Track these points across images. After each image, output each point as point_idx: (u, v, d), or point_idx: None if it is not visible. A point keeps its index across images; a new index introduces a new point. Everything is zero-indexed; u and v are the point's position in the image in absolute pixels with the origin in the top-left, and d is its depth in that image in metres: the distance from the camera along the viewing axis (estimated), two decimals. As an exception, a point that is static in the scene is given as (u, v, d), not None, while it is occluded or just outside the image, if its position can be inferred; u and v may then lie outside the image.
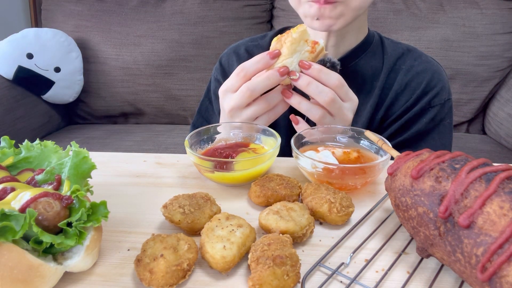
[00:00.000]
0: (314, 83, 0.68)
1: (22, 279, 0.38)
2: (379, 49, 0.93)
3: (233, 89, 0.72)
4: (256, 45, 0.99)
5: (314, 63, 0.69)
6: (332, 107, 0.70)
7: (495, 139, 1.87)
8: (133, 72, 2.00)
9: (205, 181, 0.66)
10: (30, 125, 1.84)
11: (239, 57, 0.98)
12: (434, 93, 0.89)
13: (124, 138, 1.85)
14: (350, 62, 0.90)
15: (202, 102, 1.04)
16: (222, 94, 0.74)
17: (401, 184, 0.47)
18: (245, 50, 0.99)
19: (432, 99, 0.90)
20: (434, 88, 0.89)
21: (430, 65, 0.92)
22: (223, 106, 0.75)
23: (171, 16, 1.98)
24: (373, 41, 0.93)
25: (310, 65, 0.69)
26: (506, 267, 0.34)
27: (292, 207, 0.52)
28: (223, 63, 1.00)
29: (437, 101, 0.90)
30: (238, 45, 1.02)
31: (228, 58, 1.00)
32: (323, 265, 0.46)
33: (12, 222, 0.38)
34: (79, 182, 0.49)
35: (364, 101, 0.90)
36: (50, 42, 1.86)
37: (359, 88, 0.89)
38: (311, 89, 0.68)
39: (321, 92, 0.68)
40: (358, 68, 0.90)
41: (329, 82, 0.69)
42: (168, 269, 0.42)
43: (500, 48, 1.83)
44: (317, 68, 0.69)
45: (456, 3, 1.87)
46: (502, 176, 0.39)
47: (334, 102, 0.69)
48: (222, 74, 1.00)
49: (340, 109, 0.71)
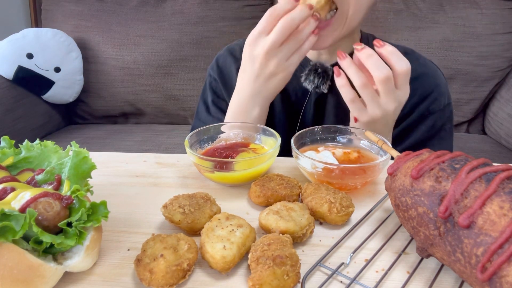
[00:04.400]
0: (376, 57, 0.68)
1: (22, 279, 0.38)
2: None
3: (266, 31, 0.73)
4: None
5: (387, 43, 0.69)
6: (383, 86, 0.68)
7: (495, 139, 1.87)
8: (133, 72, 1.99)
9: (205, 181, 0.66)
10: (30, 125, 1.84)
11: (235, 58, 0.97)
12: (432, 99, 0.88)
13: (124, 138, 1.84)
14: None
15: (199, 107, 1.03)
16: (253, 41, 0.74)
17: (401, 184, 0.47)
18: (239, 49, 0.98)
19: (430, 105, 0.88)
20: (431, 93, 0.87)
21: (427, 70, 0.90)
22: (254, 54, 0.75)
23: (171, 16, 1.98)
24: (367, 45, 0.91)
25: (384, 44, 0.69)
26: (506, 267, 0.34)
27: (292, 207, 0.52)
28: (220, 64, 1.00)
29: (436, 107, 0.88)
30: (234, 45, 1.01)
31: (225, 59, 0.99)
32: (323, 265, 0.46)
33: (12, 222, 0.38)
34: (79, 182, 0.49)
35: None
36: (50, 42, 1.86)
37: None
38: (370, 61, 0.67)
39: (379, 67, 0.67)
40: None
41: (396, 65, 0.68)
42: (168, 269, 0.42)
43: (500, 48, 1.83)
44: (390, 49, 0.68)
45: (456, 3, 1.87)
46: (502, 176, 0.39)
47: (387, 81, 0.68)
48: (219, 75, 0.99)
49: (390, 92, 0.69)
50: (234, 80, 0.94)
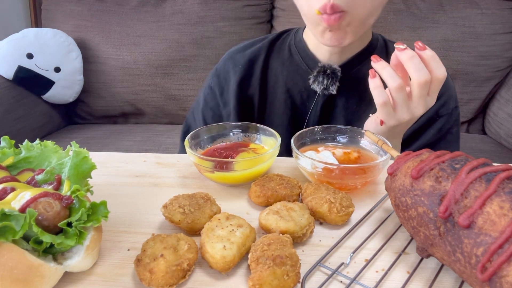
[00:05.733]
0: (418, 59, 0.66)
1: (22, 279, 0.38)
2: (383, 54, 0.90)
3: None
4: (254, 50, 0.96)
5: (428, 47, 0.68)
6: (420, 89, 0.67)
7: (495, 139, 1.87)
8: (133, 72, 1.99)
9: (205, 181, 0.66)
10: (30, 125, 1.84)
11: (235, 63, 0.95)
12: (442, 102, 0.86)
13: (124, 138, 1.84)
14: (352, 68, 0.87)
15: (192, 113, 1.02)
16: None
17: (401, 184, 0.47)
18: (242, 55, 0.96)
19: (439, 108, 0.86)
20: (441, 97, 0.85)
21: None
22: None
23: (171, 16, 1.98)
24: (377, 45, 0.90)
25: (425, 47, 0.67)
26: (506, 267, 0.34)
27: (292, 207, 0.52)
28: (218, 68, 0.98)
29: (445, 110, 0.87)
30: (235, 50, 0.99)
31: (224, 63, 0.97)
32: (323, 265, 0.46)
33: (12, 222, 0.38)
34: (79, 182, 0.49)
35: (367, 108, 0.87)
36: (50, 42, 1.86)
37: (361, 95, 0.87)
38: (411, 63, 0.66)
39: (420, 70, 0.66)
40: (361, 75, 0.87)
41: (436, 70, 0.67)
42: (168, 269, 0.42)
43: (500, 48, 1.83)
44: (430, 54, 0.67)
45: (456, 3, 1.87)
46: (502, 176, 0.39)
47: (425, 85, 0.67)
48: (217, 81, 0.97)
49: (422, 96, 0.68)
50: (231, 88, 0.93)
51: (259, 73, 0.93)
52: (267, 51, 0.94)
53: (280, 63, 0.93)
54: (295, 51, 0.92)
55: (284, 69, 0.92)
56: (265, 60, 0.94)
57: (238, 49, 0.98)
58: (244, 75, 0.93)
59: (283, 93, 0.92)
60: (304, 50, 0.90)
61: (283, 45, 0.95)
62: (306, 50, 0.90)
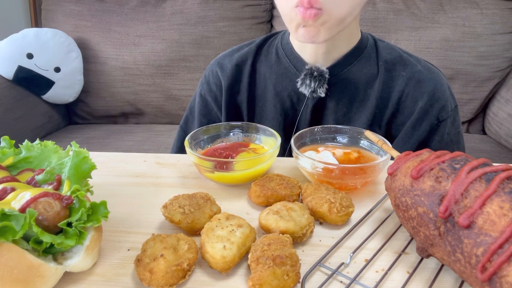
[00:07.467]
0: None
1: (22, 279, 0.38)
2: (373, 55, 0.86)
3: None
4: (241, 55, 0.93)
5: None
6: None
7: (495, 139, 1.87)
8: (133, 72, 1.99)
9: (205, 181, 0.66)
10: (30, 125, 1.84)
11: (222, 68, 0.93)
12: (440, 106, 0.84)
13: (124, 138, 1.84)
14: (341, 69, 0.84)
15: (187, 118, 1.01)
16: None
17: (401, 184, 0.47)
18: (229, 60, 0.94)
19: (439, 112, 0.84)
20: (439, 100, 0.83)
21: (431, 73, 0.86)
22: None
23: (171, 16, 1.98)
24: (367, 45, 0.87)
25: None
26: (506, 267, 0.34)
27: (292, 207, 0.52)
28: (206, 75, 0.96)
29: (445, 114, 0.84)
30: (222, 55, 0.97)
31: (211, 69, 0.96)
32: (323, 265, 0.46)
33: (12, 222, 0.38)
34: (79, 182, 0.49)
35: (358, 111, 0.85)
36: (50, 42, 1.86)
37: (351, 97, 0.85)
38: None
39: None
40: (351, 76, 0.84)
41: None
42: (168, 269, 0.42)
43: (500, 48, 1.83)
44: None
45: (456, 3, 1.86)
46: (502, 176, 0.39)
47: None
48: (207, 87, 0.96)
49: None
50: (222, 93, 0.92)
51: (247, 78, 0.91)
52: (255, 55, 0.92)
53: (268, 67, 0.91)
54: (282, 54, 0.89)
55: (273, 72, 0.90)
56: (253, 64, 0.92)
57: (225, 54, 0.96)
58: (232, 80, 0.92)
59: (272, 97, 0.89)
60: (291, 53, 0.88)
61: (271, 48, 0.92)
62: (294, 53, 0.87)
